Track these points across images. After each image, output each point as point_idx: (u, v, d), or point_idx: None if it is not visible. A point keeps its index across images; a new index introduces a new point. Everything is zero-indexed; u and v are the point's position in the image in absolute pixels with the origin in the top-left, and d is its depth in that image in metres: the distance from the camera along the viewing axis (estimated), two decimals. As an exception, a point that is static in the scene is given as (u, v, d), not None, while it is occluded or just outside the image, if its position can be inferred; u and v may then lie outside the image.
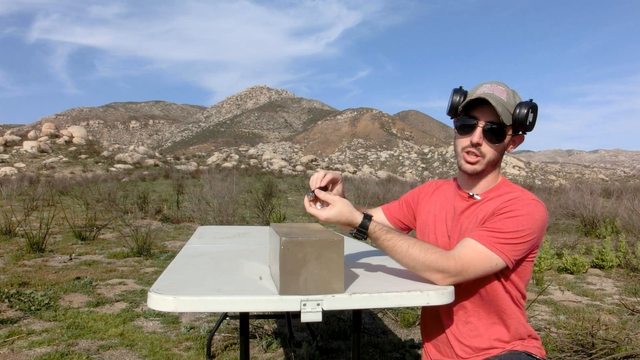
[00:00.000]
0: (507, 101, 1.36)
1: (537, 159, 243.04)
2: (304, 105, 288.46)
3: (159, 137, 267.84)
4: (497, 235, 1.29)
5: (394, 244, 1.30)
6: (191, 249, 1.89)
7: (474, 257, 1.28)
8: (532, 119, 1.36)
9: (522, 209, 1.31)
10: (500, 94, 1.36)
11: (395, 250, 1.30)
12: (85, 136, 42.21)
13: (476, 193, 1.45)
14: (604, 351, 2.75)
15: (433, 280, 1.28)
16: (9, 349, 2.90)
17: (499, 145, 1.38)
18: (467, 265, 1.27)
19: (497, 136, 1.36)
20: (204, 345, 3.02)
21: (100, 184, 18.12)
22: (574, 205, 10.29)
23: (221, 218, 8.21)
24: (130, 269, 5.24)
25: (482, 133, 1.36)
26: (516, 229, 1.29)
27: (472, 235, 1.32)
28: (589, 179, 78.32)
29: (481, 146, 1.37)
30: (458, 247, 1.32)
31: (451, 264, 1.26)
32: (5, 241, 6.73)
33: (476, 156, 1.38)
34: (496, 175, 1.46)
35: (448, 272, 1.26)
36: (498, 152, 1.40)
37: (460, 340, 1.43)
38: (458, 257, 1.27)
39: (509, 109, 1.35)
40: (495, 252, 1.28)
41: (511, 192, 1.39)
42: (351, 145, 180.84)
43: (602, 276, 5.42)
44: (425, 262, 1.26)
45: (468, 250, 1.29)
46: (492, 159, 1.40)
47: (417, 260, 1.27)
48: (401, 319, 3.63)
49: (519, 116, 1.34)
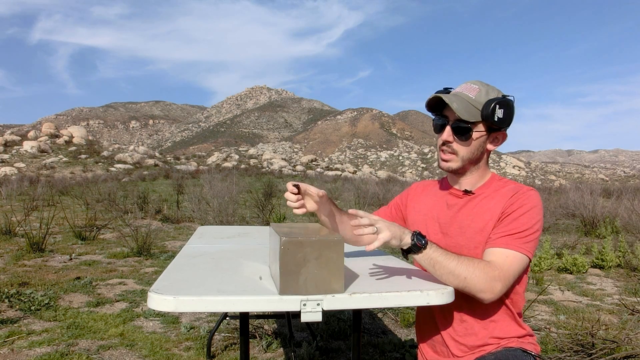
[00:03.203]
0: (475, 99, 1.39)
1: (537, 159, 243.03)
2: (304, 105, 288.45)
3: (159, 137, 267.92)
4: (519, 236, 1.34)
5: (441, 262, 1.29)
6: (191, 249, 1.89)
7: (511, 265, 1.32)
8: (503, 114, 1.38)
9: (528, 203, 1.37)
10: (469, 92, 1.41)
11: (442, 268, 1.29)
12: (85, 136, 42.21)
13: (469, 189, 1.49)
14: (604, 351, 2.75)
15: (482, 298, 1.29)
16: (9, 349, 2.90)
17: (468, 142, 1.42)
18: (509, 274, 1.31)
19: (464, 133, 1.41)
20: (204, 345, 3.02)
21: (100, 184, 18.12)
22: (574, 205, 10.29)
23: (221, 218, 8.21)
24: (130, 269, 5.24)
25: (450, 131, 1.42)
26: (530, 224, 1.35)
27: (497, 244, 1.35)
28: (589, 179, 78.26)
29: (452, 143, 1.43)
30: (492, 259, 1.33)
31: (496, 274, 1.29)
32: (5, 241, 6.73)
33: (450, 154, 1.44)
34: (483, 171, 1.50)
35: (496, 287, 1.28)
36: (472, 149, 1.43)
37: (455, 339, 1.44)
38: (500, 269, 1.30)
39: (476, 106, 1.39)
40: (524, 252, 1.33)
41: (506, 185, 1.45)
42: (351, 145, 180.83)
43: (602, 276, 5.42)
44: (475, 279, 1.27)
45: (502, 259, 1.32)
46: (466, 156, 1.44)
47: (465, 278, 1.27)
48: (401, 319, 3.63)
49: (485, 113, 1.38)
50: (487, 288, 1.27)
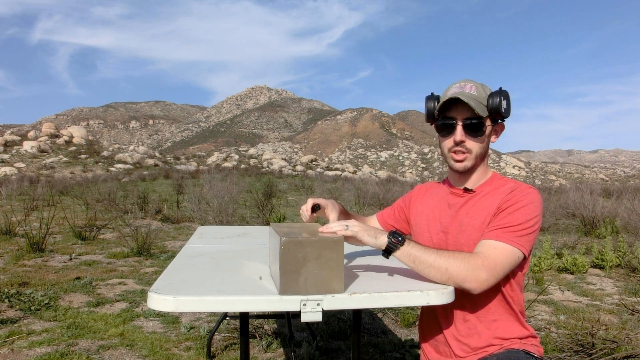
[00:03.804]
0: (477, 95, 1.43)
1: (537, 159, 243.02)
2: (304, 105, 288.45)
3: (159, 137, 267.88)
4: (511, 230, 1.33)
5: (418, 256, 1.30)
6: (191, 249, 1.89)
7: (499, 256, 1.31)
8: (507, 105, 1.43)
9: (524, 199, 1.37)
10: (470, 90, 1.43)
11: (421, 262, 1.30)
12: (85, 136, 42.22)
13: (469, 187, 1.50)
14: (604, 351, 2.75)
15: (469, 288, 1.28)
16: (9, 349, 2.90)
17: (481, 138, 1.44)
18: (495, 264, 1.29)
19: (477, 130, 1.43)
20: (204, 345, 3.02)
21: (100, 184, 18.12)
22: (574, 205, 10.29)
23: (221, 218, 8.21)
24: (130, 269, 5.24)
25: (462, 130, 1.43)
26: (525, 219, 1.34)
27: (488, 236, 1.35)
28: (589, 179, 78.29)
29: (465, 143, 1.44)
30: (479, 250, 1.33)
31: (479, 263, 1.27)
32: (5, 241, 6.73)
33: (463, 153, 1.45)
34: (485, 168, 1.52)
35: (481, 276, 1.27)
36: (482, 144, 1.46)
37: (458, 339, 1.44)
38: (484, 258, 1.29)
39: (481, 101, 1.42)
40: (515, 245, 1.32)
41: (506, 184, 1.46)
42: (351, 145, 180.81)
43: (602, 276, 5.42)
44: (456, 269, 1.26)
45: (491, 250, 1.31)
46: (478, 153, 1.46)
47: (446, 269, 1.27)
48: (401, 319, 3.63)
49: (493, 105, 1.41)
50: (470, 277, 1.26)
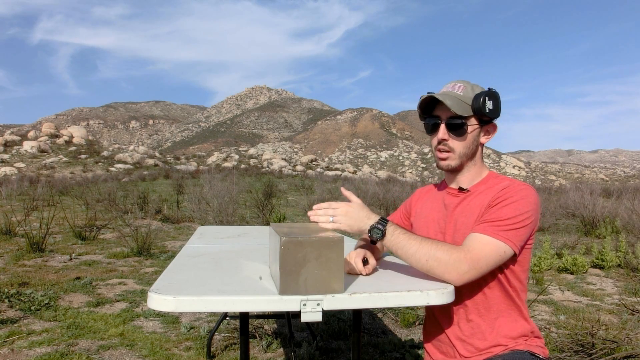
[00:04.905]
0: (463, 95, 1.44)
1: (537, 159, 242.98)
2: (304, 105, 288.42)
3: (159, 137, 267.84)
4: (499, 224, 1.32)
5: (404, 244, 1.32)
6: (191, 249, 1.89)
7: (483, 249, 1.30)
8: (492, 105, 1.43)
9: (516, 195, 1.36)
10: (456, 90, 1.45)
11: (406, 251, 1.32)
12: (85, 136, 42.22)
13: (464, 187, 1.50)
14: (604, 351, 2.75)
15: (449, 280, 1.28)
16: (9, 349, 2.90)
17: (464, 137, 1.45)
18: (478, 257, 1.29)
19: (458, 129, 1.44)
20: (204, 345, 3.02)
21: (100, 184, 18.12)
22: (574, 205, 10.29)
23: (221, 218, 8.21)
24: (130, 269, 5.24)
25: (445, 128, 1.45)
26: (515, 214, 1.33)
27: (475, 230, 1.35)
28: (589, 179, 78.28)
29: (448, 141, 1.46)
30: (464, 243, 1.34)
31: (461, 256, 1.27)
32: (5, 241, 6.73)
33: (447, 152, 1.47)
34: (480, 168, 1.52)
35: (461, 268, 1.27)
36: (467, 144, 1.46)
37: (462, 339, 1.43)
38: (467, 251, 1.29)
39: (466, 101, 1.43)
40: (501, 239, 1.31)
41: (501, 182, 1.46)
42: (351, 145, 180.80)
43: (602, 276, 5.42)
44: (436, 261, 1.27)
45: (475, 244, 1.31)
46: (463, 152, 1.46)
47: (427, 260, 1.28)
48: (401, 319, 3.63)
49: (476, 106, 1.42)
50: (450, 269, 1.26)
